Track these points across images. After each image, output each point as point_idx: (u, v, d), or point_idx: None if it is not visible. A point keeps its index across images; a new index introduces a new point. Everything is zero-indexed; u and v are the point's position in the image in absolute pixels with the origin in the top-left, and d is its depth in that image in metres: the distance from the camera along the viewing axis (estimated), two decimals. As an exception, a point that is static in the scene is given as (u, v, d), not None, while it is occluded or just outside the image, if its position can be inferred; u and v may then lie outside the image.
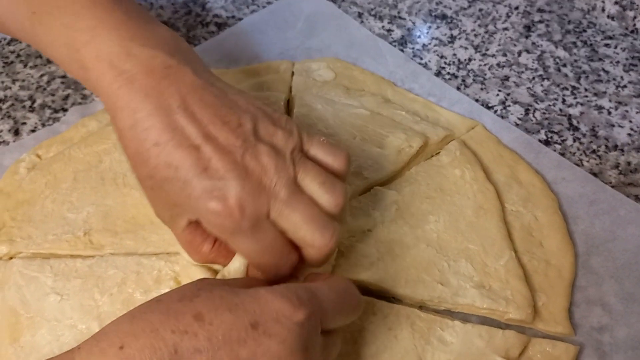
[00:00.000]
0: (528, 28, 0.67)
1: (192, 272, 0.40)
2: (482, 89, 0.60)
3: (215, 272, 0.40)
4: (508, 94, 0.59)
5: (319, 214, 0.34)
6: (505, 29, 0.67)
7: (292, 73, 0.60)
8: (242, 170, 0.32)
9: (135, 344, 0.26)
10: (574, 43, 0.65)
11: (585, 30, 0.66)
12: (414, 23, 0.67)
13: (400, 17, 0.68)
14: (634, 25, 0.65)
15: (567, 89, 0.60)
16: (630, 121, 0.56)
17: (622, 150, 0.54)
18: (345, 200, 0.35)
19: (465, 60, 0.63)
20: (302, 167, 0.35)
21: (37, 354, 0.38)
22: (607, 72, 0.61)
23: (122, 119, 0.34)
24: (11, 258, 0.45)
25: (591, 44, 0.65)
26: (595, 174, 0.51)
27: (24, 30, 0.40)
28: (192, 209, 0.33)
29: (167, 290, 0.40)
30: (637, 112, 0.57)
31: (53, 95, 0.58)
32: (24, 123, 0.56)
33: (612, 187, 0.50)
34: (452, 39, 0.65)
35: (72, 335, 0.39)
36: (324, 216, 0.34)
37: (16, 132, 0.55)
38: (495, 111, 0.57)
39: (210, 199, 0.32)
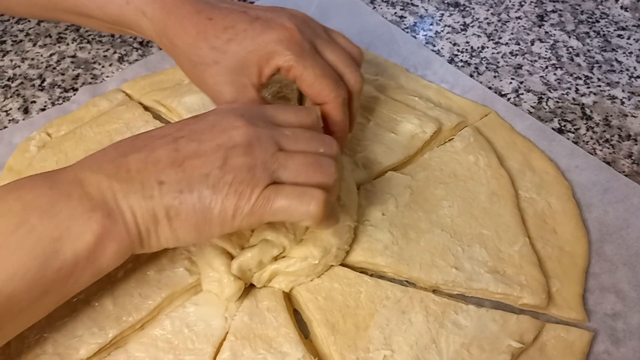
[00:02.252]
0: (541, 17, 0.66)
1: (206, 252, 0.40)
2: (495, 76, 0.59)
3: (231, 255, 0.40)
4: (521, 82, 0.59)
5: (350, 58, 0.43)
6: (518, 17, 0.66)
7: (304, 57, 0.59)
8: (288, 13, 0.42)
9: (108, 145, 0.35)
10: (587, 33, 0.65)
11: (598, 21, 0.66)
12: (426, 10, 0.67)
13: (412, 4, 0.68)
14: (647, 16, 0.65)
15: (580, 78, 0.59)
16: (643, 111, 0.56)
17: (635, 140, 0.54)
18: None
19: (478, 48, 0.62)
20: (331, 33, 0.45)
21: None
22: (620, 62, 0.61)
23: (175, 13, 0.42)
24: (22, 235, 0.44)
25: (604, 35, 0.64)
26: (608, 163, 0.51)
27: None
28: (260, 48, 0.40)
29: (181, 270, 0.40)
30: (650, 103, 0.57)
31: (63, 74, 0.58)
32: (34, 102, 0.55)
33: (625, 175, 0.50)
34: (465, 26, 0.65)
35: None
36: (354, 62, 0.43)
37: (25, 111, 0.54)
38: (509, 99, 0.57)
39: (273, 28, 0.40)
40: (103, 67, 0.59)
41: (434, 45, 0.63)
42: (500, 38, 0.64)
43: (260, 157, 0.33)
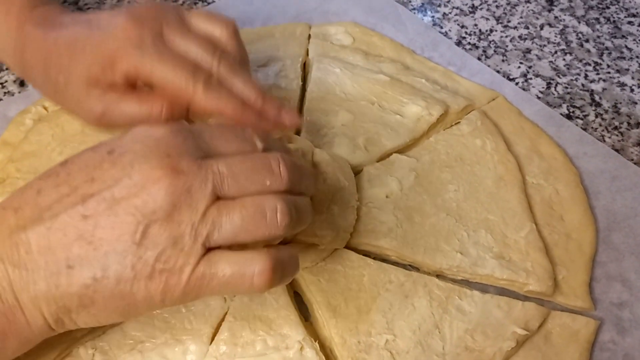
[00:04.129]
0: (551, 2, 0.65)
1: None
2: (503, 60, 0.58)
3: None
4: (530, 67, 0.58)
5: (208, 41, 0.38)
6: (528, 1, 0.65)
7: (309, 36, 0.58)
8: (129, 10, 0.38)
9: (9, 195, 0.30)
10: (597, 19, 0.63)
11: (608, 7, 0.65)
12: (434, -9, 0.65)
13: (420, -15, 0.66)
14: (659, 3, 0.64)
15: (589, 64, 0.58)
16: (653, 99, 0.55)
17: (644, 128, 0.53)
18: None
19: (486, 31, 0.61)
20: (189, 17, 0.39)
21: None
22: (630, 49, 0.60)
23: (30, 46, 0.40)
24: (16, 210, 0.43)
25: (614, 21, 0.63)
26: (617, 150, 0.50)
27: None
28: (100, 58, 0.37)
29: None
30: (660, 91, 0.56)
31: (60, 47, 0.56)
32: (30, 74, 0.54)
33: (634, 164, 0.49)
34: (474, 9, 0.63)
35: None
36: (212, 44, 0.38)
37: (21, 84, 0.53)
38: (517, 83, 0.56)
39: (109, 33, 0.37)
40: (101, 41, 0.57)
41: (442, 27, 0.61)
42: (509, 21, 0.62)
43: (189, 222, 0.27)
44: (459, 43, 0.60)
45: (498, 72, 0.57)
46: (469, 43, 0.60)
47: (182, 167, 0.27)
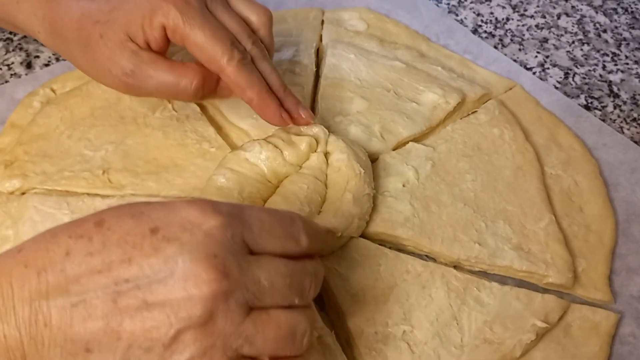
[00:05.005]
0: (567, -9, 0.64)
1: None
2: (520, 49, 0.57)
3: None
4: (547, 57, 0.56)
5: (245, 25, 0.39)
6: (544, -10, 0.64)
7: (322, 21, 0.57)
8: None
9: (33, 246, 0.26)
10: (615, 9, 0.62)
11: (626, -3, 0.64)
12: (449, -22, 0.64)
13: (434, -28, 0.65)
14: (677, -6, 0.63)
15: (607, 55, 0.57)
16: (672, 91, 0.54)
17: (663, 120, 0.52)
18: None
19: (502, 19, 0.60)
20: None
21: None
22: (648, 40, 0.59)
23: (63, 4, 0.40)
24: (23, 193, 0.42)
25: (632, 12, 0.62)
26: (636, 142, 0.49)
27: None
28: (142, 6, 0.37)
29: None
30: (679, 83, 0.55)
31: (68, 29, 0.55)
32: (37, 56, 0.52)
33: (654, 156, 0.48)
34: (490, -4, 0.62)
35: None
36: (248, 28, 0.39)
37: (28, 65, 0.52)
38: (534, 73, 0.55)
39: None
40: (110, 23, 0.56)
41: (457, 15, 0.60)
42: (525, 10, 0.61)
43: (222, 332, 0.25)
44: (474, 31, 0.58)
45: (515, 61, 0.55)
46: (485, 31, 0.59)
47: (227, 271, 0.26)
